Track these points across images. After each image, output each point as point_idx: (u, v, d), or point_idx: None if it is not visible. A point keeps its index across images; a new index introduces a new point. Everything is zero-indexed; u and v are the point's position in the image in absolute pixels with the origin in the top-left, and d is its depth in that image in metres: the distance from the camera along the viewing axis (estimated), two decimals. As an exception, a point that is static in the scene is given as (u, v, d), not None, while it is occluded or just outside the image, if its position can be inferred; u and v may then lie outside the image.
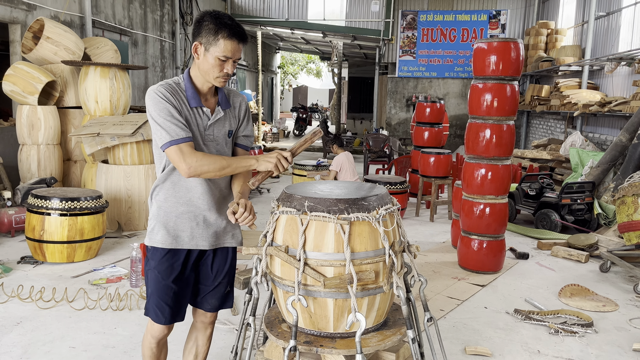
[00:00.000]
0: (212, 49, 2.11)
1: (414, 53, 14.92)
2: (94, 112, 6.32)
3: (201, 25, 2.12)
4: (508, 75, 4.64)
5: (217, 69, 2.14)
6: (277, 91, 26.19)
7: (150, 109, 2.12)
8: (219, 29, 2.09)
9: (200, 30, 2.12)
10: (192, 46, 2.17)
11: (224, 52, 2.11)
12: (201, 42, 2.12)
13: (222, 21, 2.10)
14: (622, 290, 4.60)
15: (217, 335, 3.50)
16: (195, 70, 2.22)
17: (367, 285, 2.14)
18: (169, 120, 2.08)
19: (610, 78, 9.30)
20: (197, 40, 2.14)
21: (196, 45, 2.14)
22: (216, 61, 2.12)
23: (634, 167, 6.44)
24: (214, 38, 2.10)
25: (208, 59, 2.13)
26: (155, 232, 2.25)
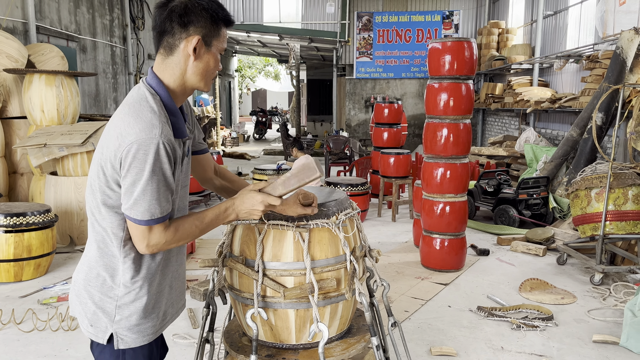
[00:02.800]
0: (214, 42, 1.58)
1: (371, 54, 15.02)
2: (40, 122, 6.03)
3: (192, 11, 1.52)
4: (463, 75, 4.69)
5: (216, 68, 1.65)
6: (235, 95, 25.90)
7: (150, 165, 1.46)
8: (216, 14, 1.56)
9: (194, 19, 1.52)
10: (185, 42, 1.53)
11: (224, 44, 1.63)
12: (202, 35, 1.54)
13: (215, 7, 1.56)
14: (579, 282, 4.71)
15: (177, 351, 3.37)
16: (177, 78, 1.59)
17: (329, 294, 2.08)
18: (156, 191, 1.49)
19: (559, 75, 9.59)
20: (193, 32, 1.53)
21: (197, 39, 1.53)
22: (216, 60, 1.62)
23: (585, 161, 6.63)
24: (215, 28, 1.56)
25: (211, 58, 1.59)
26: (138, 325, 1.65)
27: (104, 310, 1.62)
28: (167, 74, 1.58)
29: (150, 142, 1.45)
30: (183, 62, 1.57)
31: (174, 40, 1.55)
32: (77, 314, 1.70)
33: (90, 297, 1.64)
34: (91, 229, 1.65)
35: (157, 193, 1.49)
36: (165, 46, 1.57)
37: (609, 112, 6.45)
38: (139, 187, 1.47)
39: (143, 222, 1.51)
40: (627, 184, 4.62)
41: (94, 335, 1.65)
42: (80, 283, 1.68)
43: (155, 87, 1.57)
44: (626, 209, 4.61)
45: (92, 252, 1.64)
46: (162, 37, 1.56)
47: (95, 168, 1.58)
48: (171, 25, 1.53)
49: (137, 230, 1.53)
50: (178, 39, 1.54)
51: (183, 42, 1.54)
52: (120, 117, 1.53)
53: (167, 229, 1.58)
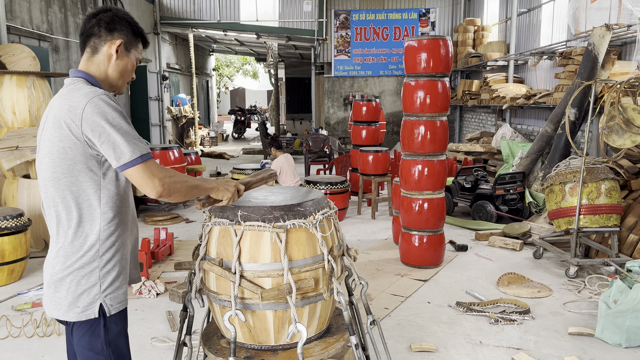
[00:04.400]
0: (133, 50, 1.89)
1: (349, 52, 15.04)
2: (11, 124, 5.89)
3: (118, 21, 1.83)
4: (439, 72, 4.72)
5: (131, 74, 1.93)
6: (213, 94, 25.69)
7: (108, 117, 1.68)
8: (137, 31, 1.90)
9: (118, 27, 1.83)
10: (110, 43, 1.82)
11: (141, 55, 1.95)
12: (123, 40, 1.84)
13: (136, 24, 1.91)
14: (555, 275, 4.80)
15: (156, 354, 3.33)
16: (101, 73, 1.85)
17: (307, 294, 2.07)
18: (132, 132, 1.72)
19: (534, 71, 9.74)
20: (117, 37, 1.82)
21: (120, 43, 1.82)
22: (133, 66, 1.91)
23: (559, 156, 6.75)
24: (135, 39, 1.89)
25: (127, 61, 1.88)
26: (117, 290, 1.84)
27: (91, 284, 1.78)
28: (93, 69, 1.84)
29: (96, 96, 1.69)
30: (106, 60, 1.84)
31: (99, 41, 1.82)
32: (56, 305, 1.80)
33: (74, 278, 1.77)
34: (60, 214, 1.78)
35: (131, 131, 1.71)
36: (91, 46, 1.83)
37: (581, 107, 6.57)
38: (114, 134, 1.66)
39: (139, 160, 1.68)
40: (600, 178, 4.71)
41: (83, 315, 1.78)
42: (58, 272, 1.79)
43: (85, 77, 1.81)
44: (599, 202, 4.70)
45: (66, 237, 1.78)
46: (89, 39, 1.83)
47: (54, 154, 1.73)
48: (99, 29, 1.82)
49: (139, 172, 1.69)
50: (104, 40, 1.82)
51: (107, 44, 1.82)
52: (61, 99, 1.74)
53: (164, 167, 1.77)
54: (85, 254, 1.77)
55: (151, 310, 4.04)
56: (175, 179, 1.76)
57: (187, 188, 1.81)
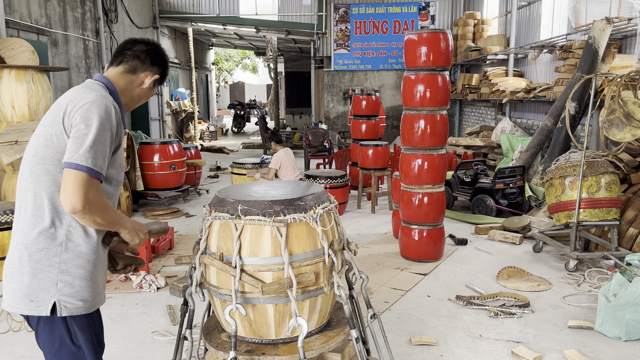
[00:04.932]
0: (156, 84, 2.05)
1: (348, 46, 14.99)
2: (11, 118, 5.88)
3: (159, 57, 2.03)
4: (439, 66, 4.71)
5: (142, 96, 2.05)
6: (212, 88, 25.63)
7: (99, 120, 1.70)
8: (167, 71, 2.09)
9: (159, 63, 2.02)
10: (148, 73, 1.98)
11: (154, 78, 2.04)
12: (155, 73, 2.01)
13: (168, 66, 2.10)
14: (555, 269, 4.81)
15: (157, 348, 3.34)
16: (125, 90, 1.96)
17: (308, 288, 2.08)
18: (100, 143, 1.69)
19: (534, 65, 9.72)
20: (153, 70, 2.00)
21: (154, 74, 2.00)
22: (149, 97, 2.07)
23: (559, 150, 6.74)
24: (162, 77, 2.06)
25: (149, 93, 2.05)
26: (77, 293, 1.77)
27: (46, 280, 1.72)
28: (121, 83, 1.95)
29: (103, 101, 1.74)
30: (137, 84, 1.98)
31: (142, 67, 1.98)
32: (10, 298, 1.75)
33: (30, 271, 1.72)
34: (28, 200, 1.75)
35: (102, 147, 1.69)
36: (130, 66, 1.96)
37: (582, 101, 6.56)
38: (90, 137, 1.67)
39: (85, 169, 1.64)
40: (600, 172, 4.71)
41: (36, 310, 1.72)
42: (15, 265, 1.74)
43: (108, 85, 1.89)
44: (599, 196, 4.70)
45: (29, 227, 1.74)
46: (132, 59, 1.96)
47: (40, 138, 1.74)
48: (146, 57, 1.98)
49: (75, 179, 1.63)
50: (143, 69, 1.98)
51: (146, 73, 1.99)
52: (73, 93, 1.80)
53: (102, 193, 1.72)
54: (47, 248, 1.72)
55: (152, 304, 4.05)
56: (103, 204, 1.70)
57: (104, 220, 1.72)
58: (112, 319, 3.79)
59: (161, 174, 7.55)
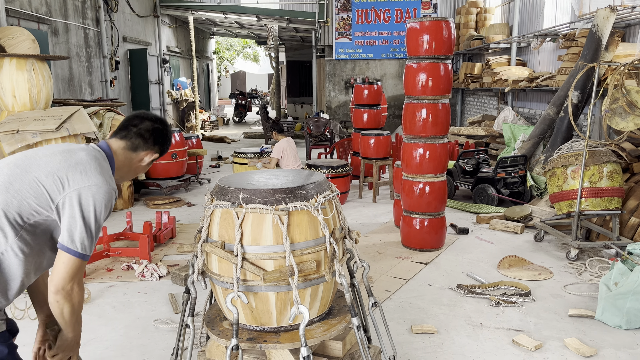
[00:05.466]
0: (153, 162, 2.11)
1: (350, 35, 14.91)
2: (12, 107, 5.87)
3: (163, 137, 2.07)
4: (441, 54, 4.68)
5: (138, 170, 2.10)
6: (213, 78, 25.54)
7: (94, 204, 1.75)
8: (168, 145, 2.13)
9: (160, 141, 2.07)
10: (149, 152, 2.04)
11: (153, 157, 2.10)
12: (155, 152, 2.07)
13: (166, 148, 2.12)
14: (556, 258, 4.81)
15: (159, 336, 3.36)
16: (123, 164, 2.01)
17: (309, 276, 2.08)
18: (95, 230, 1.77)
19: (537, 54, 9.66)
20: (154, 149, 2.06)
21: (154, 153, 2.06)
22: (139, 162, 2.07)
23: (561, 139, 6.72)
24: (161, 154, 2.12)
25: (147, 166, 2.10)
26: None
27: None
28: (121, 158, 1.99)
29: (111, 191, 1.80)
30: (135, 161, 2.03)
31: (143, 146, 2.02)
32: None
33: None
34: None
35: (94, 234, 1.76)
36: (133, 144, 2.01)
37: (584, 90, 6.53)
38: (92, 224, 1.74)
39: (77, 254, 1.72)
40: (602, 161, 4.70)
41: None
42: None
43: (109, 157, 1.95)
44: (601, 185, 4.69)
45: None
46: (136, 137, 2.01)
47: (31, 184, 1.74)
48: (150, 137, 2.02)
49: (68, 262, 1.71)
50: (145, 147, 2.03)
51: (146, 151, 2.03)
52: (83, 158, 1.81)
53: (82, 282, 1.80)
54: None
55: (154, 292, 4.07)
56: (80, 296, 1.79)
57: (71, 315, 1.79)
58: (115, 307, 3.81)
59: (162, 164, 7.54)
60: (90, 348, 3.21)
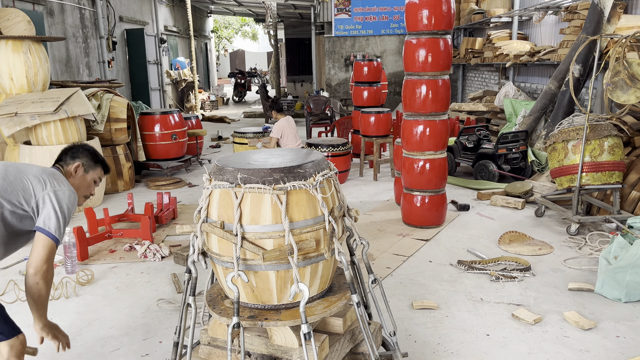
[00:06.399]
0: (91, 172, 2.52)
1: (349, 11, 14.71)
2: (9, 90, 5.84)
3: (79, 151, 2.51)
4: (440, 30, 4.62)
5: (89, 190, 2.54)
6: (212, 57, 25.32)
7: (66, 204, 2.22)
8: (98, 160, 2.57)
9: (80, 155, 2.49)
10: (73, 166, 2.45)
11: (100, 176, 2.57)
12: (82, 164, 2.47)
13: (98, 155, 2.58)
14: (556, 233, 4.83)
15: (162, 315, 3.40)
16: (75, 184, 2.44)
17: (309, 254, 2.09)
18: (64, 224, 2.20)
19: (538, 27, 9.53)
20: (77, 161, 2.47)
21: (77, 165, 2.46)
22: (91, 183, 2.53)
23: (563, 114, 6.68)
24: (94, 164, 2.53)
25: (85, 180, 2.50)
26: None
27: None
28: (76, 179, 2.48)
29: (75, 198, 2.30)
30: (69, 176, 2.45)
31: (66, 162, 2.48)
32: None
33: None
34: None
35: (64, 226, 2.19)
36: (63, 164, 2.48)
37: (586, 63, 6.46)
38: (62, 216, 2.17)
39: (53, 237, 2.12)
40: (603, 135, 4.67)
41: None
42: None
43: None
44: (602, 159, 4.68)
45: None
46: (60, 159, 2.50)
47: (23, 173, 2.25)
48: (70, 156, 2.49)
49: (46, 244, 2.11)
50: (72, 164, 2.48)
51: (75, 167, 2.47)
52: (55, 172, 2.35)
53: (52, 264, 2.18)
54: None
55: (157, 273, 4.11)
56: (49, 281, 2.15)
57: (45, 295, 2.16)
58: (118, 288, 3.85)
59: (162, 144, 7.54)
60: (94, 328, 3.25)
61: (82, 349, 3.03)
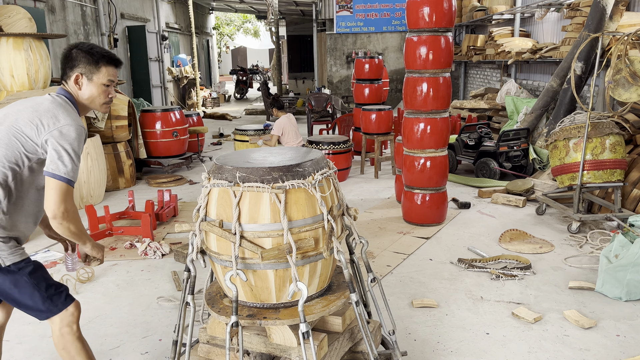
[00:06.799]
0: (95, 77, 2.20)
1: (351, 8, 14.67)
2: (10, 87, 5.84)
3: (75, 58, 2.19)
4: (442, 27, 4.60)
5: (104, 95, 2.25)
6: (214, 54, 25.30)
7: (69, 140, 2.05)
8: (98, 58, 2.21)
9: (77, 63, 2.19)
10: (71, 78, 2.19)
11: (108, 76, 2.23)
12: (82, 73, 2.19)
13: (96, 51, 2.21)
14: (557, 231, 4.82)
15: (162, 313, 3.40)
16: (78, 97, 2.23)
17: (307, 253, 2.09)
18: (76, 159, 2.07)
19: (540, 25, 9.49)
20: (75, 71, 2.19)
21: (77, 76, 2.19)
22: (102, 88, 2.22)
23: (565, 111, 6.66)
24: (95, 67, 2.19)
25: (94, 87, 2.21)
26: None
27: None
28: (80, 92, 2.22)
29: (80, 127, 2.09)
30: (75, 90, 2.21)
31: (67, 76, 2.21)
32: None
33: None
34: None
35: (75, 161, 2.05)
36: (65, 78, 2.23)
37: (588, 61, 6.44)
38: (69, 154, 2.03)
39: (63, 179, 2.01)
40: (605, 133, 4.66)
41: None
42: None
43: (69, 98, 2.20)
44: (603, 157, 4.67)
45: None
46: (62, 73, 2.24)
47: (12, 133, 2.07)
48: (66, 67, 2.21)
49: (60, 190, 2.01)
50: (71, 76, 2.20)
51: (75, 78, 2.19)
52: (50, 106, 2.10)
53: (73, 203, 2.08)
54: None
55: (157, 270, 4.11)
56: (75, 215, 2.09)
57: (76, 228, 2.11)
58: (119, 285, 3.85)
59: (163, 142, 7.54)
60: (94, 326, 3.26)
61: (82, 346, 3.03)
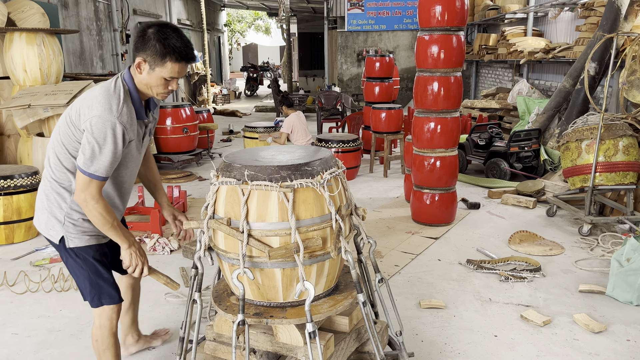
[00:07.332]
0: (157, 69, 2.09)
1: (363, 6, 14.62)
2: (23, 82, 5.89)
3: (146, 42, 2.05)
4: (454, 26, 4.57)
5: (162, 87, 2.15)
6: (225, 50, 25.35)
7: (94, 132, 2.03)
8: (167, 52, 2.05)
9: (146, 48, 2.06)
10: (136, 61, 2.09)
11: (171, 73, 2.10)
12: (146, 60, 2.08)
13: (170, 43, 2.05)
14: (568, 233, 4.77)
15: (170, 309, 3.42)
16: (137, 79, 2.15)
17: (315, 252, 2.08)
18: (110, 158, 2.07)
19: (554, 24, 9.40)
20: (141, 56, 2.08)
21: (140, 62, 2.08)
22: (161, 80, 2.12)
23: (577, 112, 6.59)
24: (161, 60, 2.06)
25: (152, 77, 2.11)
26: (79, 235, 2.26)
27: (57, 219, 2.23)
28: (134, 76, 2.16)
29: (109, 121, 2.04)
30: (137, 72, 2.13)
31: (135, 59, 2.12)
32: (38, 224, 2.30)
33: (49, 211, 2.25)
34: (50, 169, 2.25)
35: (100, 156, 2.05)
36: (133, 57, 2.15)
37: (602, 61, 6.36)
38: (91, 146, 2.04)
39: (84, 172, 2.06)
40: (618, 135, 4.60)
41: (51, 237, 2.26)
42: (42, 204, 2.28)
43: (127, 81, 2.16)
44: (616, 160, 4.61)
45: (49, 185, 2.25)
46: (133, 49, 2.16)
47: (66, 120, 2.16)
48: (135, 46, 2.11)
49: (79, 179, 2.08)
50: (136, 58, 2.11)
51: (137, 62, 2.10)
52: (95, 93, 2.11)
53: (101, 196, 2.12)
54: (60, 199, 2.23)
55: (165, 266, 4.12)
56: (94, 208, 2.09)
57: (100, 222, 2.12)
58: (127, 281, 3.86)
59: (174, 138, 7.56)
60: (103, 320, 3.27)
61: (89, 341, 3.05)
